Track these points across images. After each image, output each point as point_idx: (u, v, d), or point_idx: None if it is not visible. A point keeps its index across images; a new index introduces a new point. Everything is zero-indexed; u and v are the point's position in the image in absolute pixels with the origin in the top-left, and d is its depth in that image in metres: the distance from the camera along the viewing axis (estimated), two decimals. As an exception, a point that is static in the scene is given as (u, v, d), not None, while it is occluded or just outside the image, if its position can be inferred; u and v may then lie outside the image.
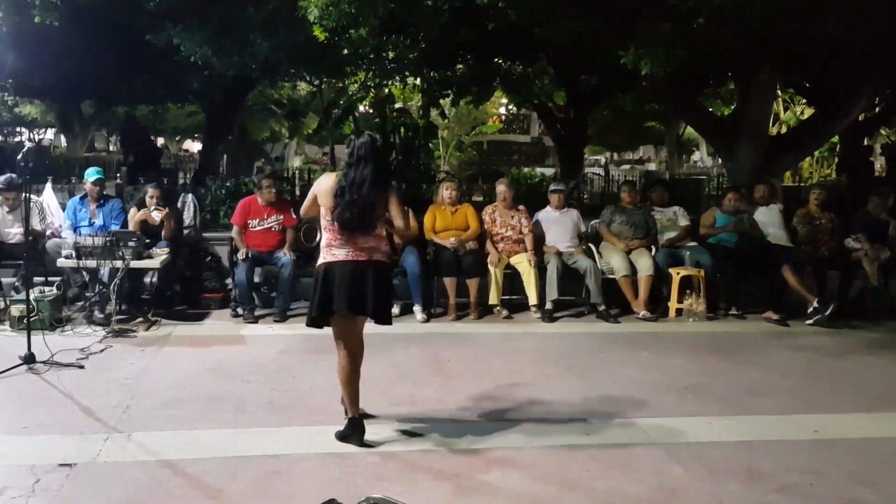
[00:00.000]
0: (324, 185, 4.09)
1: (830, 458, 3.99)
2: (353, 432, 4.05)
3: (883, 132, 21.70)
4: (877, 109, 14.51)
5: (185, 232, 7.64)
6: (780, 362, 5.93)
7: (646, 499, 3.46)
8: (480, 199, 12.52)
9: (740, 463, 3.87)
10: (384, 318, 4.22)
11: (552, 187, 8.04)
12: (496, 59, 11.91)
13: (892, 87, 11.07)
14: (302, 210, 4.29)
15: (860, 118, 13.21)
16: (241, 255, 7.01)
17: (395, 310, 6.84)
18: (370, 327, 6.56)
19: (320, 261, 4.11)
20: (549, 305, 7.14)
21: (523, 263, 7.25)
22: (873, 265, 7.37)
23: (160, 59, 10.29)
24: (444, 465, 3.78)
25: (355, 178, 3.96)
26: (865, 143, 15.44)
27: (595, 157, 34.88)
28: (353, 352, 4.16)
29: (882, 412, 4.78)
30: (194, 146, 35.94)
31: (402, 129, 12.76)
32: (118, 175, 11.03)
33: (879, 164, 18.49)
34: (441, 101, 14.99)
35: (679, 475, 3.72)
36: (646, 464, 3.85)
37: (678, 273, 7.28)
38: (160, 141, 29.52)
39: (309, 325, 4.19)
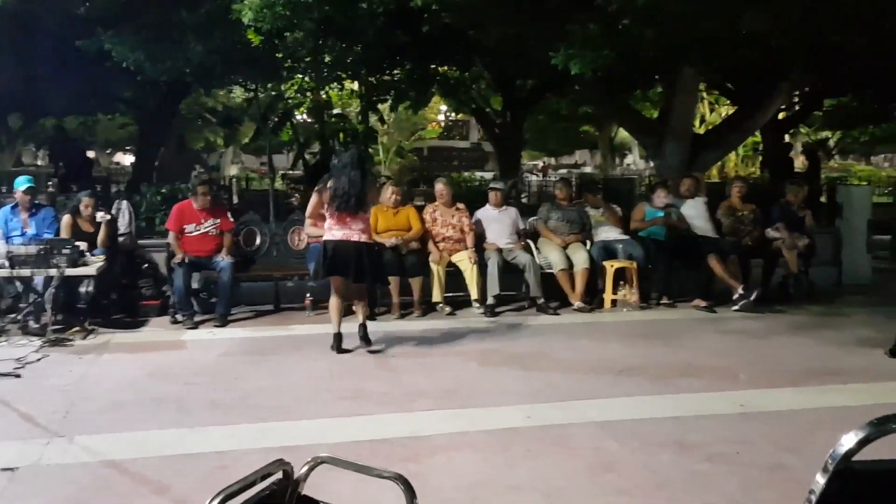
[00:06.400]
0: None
1: (755, 429, 4.22)
2: (335, 341, 5.87)
3: (803, 131, 22.73)
4: (796, 108, 15.22)
5: (121, 239, 7.52)
6: (708, 345, 6.21)
7: (584, 471, 3.62)
8: (422, 202, 12.65)
9: (671, 436, 4.07)
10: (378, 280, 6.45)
11: (491, 186, 8.23)
12: (433, 64, 12.08)
13: (809, 83, 11.64)
14: (311, 208, 6.08)
15: (780, 116, 13.84)
16: (177, 260, 6.95)
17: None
18: (315, 328, 6.63)
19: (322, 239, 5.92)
20: (490, 301, 7.30)
21: (464, 261, 7.40)
22: (792, 253, 7.77)
23: (91, 66, 10.08)
24: (390, 452, 3.87)
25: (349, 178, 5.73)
26: (787, 140, 16.14)
27: (533, 163, 35.40)
28: (340, 294, 5.96)
29: (803, 386, 5.06)
30: (126, 159, 35.08)
31: (342, 135, 12.81)
32: (49, 185, 10.75)
33: (800, 161, 19.35)
34: (379, 106, 15.09)
35: (614, 450, 3.90)
36: (583, 440, 4.02)
37: (612, 266, 7.53)
38: (91, 154, 28.68)
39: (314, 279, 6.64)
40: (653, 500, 3.33)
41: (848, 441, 1.07)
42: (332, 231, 5.82)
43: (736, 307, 7.33)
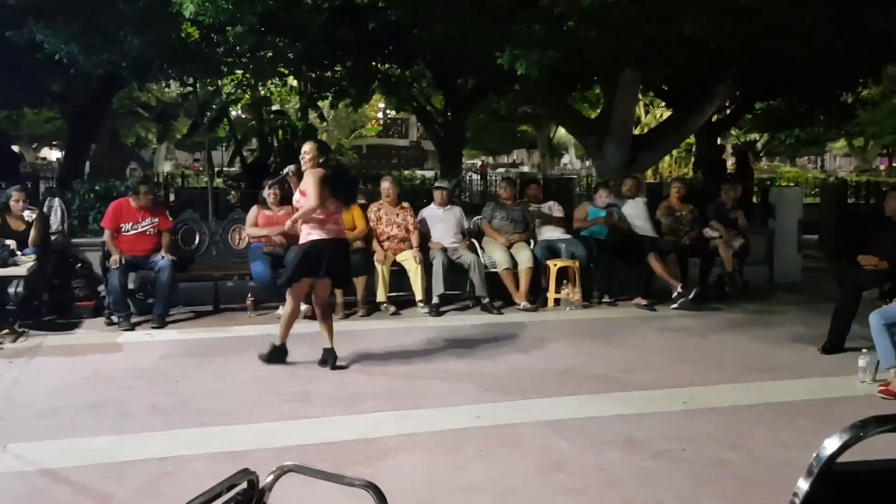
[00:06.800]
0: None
1: (699, 425, 4.32)
2: (279, 353, 5.44)
3: (733, 133, 23.48)
4: (728, 111, 15.71)
5: (53, 238, 7.24)
6: (650, 343, 6.35)
7: (535, 471, 3.65)
8: (363, 201, 12.56)
9: (618, 434, 4.13)
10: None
11: (436, 185, 8.23)
12: (374, 62, 12.00)
13: (742, 86, 12.01)
14: (319, 199, 5.12)
15: (713, 119, 14.25)
16: (113, 262, 6.72)
17: (280, 310, 6.80)
18: (256, 329, 6.50)
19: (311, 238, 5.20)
20: (435, 300, 7.29)
21: (409, 260, 7.38)
22: (728, 251, 8.00)
23: (19, 58, 9.65)
24: (340, 455, 3.82)
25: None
26: (719, 142, 16.63)
27: (472, 161, 35.60)
28: (299, 299, 5.51)
29: (742, 383, 5.21)
30: (52, 154, 33.80)
31: (281, 132, 12.62)
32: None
33: (731, 162, 19.98)
34: (319, 103, 14.92)
35: (564, 448, 3.94)
36: (533, 440, 4.05)
37: (555, 265, 7.63)
38: (16, 148, 27.47)
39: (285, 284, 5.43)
40: (605, 499, 3.37)
41: (831, 444, 1.10)
42: (328, 228, 5.23)
43: (675, 305, 7.50)
